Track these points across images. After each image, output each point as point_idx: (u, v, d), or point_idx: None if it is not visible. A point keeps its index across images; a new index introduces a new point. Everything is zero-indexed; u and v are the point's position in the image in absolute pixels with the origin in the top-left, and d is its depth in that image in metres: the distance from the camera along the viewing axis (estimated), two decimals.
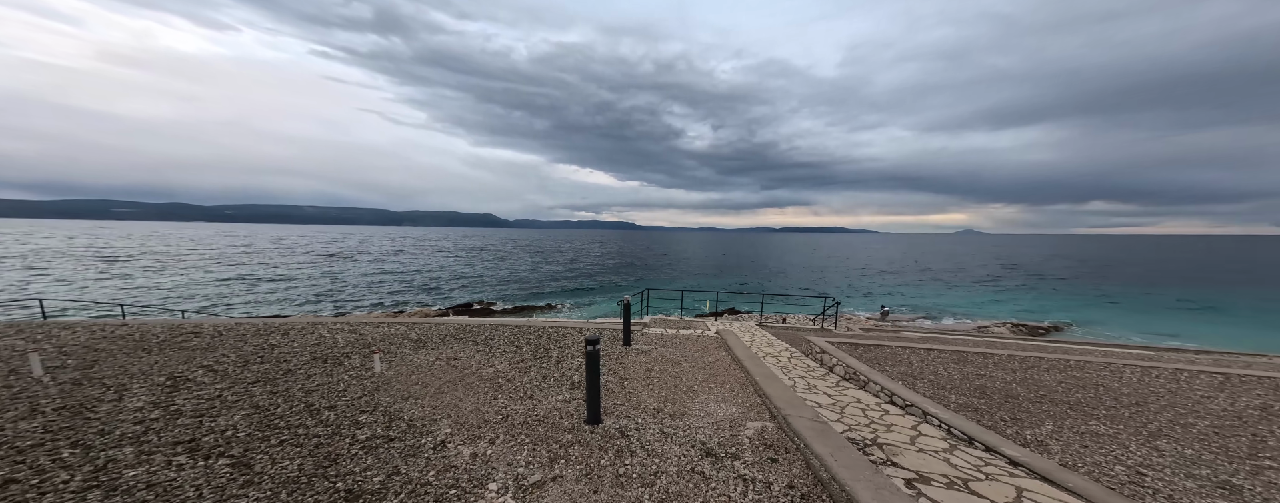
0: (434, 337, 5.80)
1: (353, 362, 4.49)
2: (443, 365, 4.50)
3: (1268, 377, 4.80)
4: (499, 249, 76.17)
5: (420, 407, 3.34)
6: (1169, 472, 2.56)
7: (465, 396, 3.63)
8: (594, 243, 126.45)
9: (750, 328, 9.11)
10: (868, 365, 5.21)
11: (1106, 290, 30.55)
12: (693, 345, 6.10)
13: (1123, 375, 4.82)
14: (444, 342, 5.54)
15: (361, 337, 5.64)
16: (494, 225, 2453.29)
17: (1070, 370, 4.97)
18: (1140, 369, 5.05)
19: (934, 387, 4.42)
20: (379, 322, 6.89)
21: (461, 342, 5.56)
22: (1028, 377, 4.74)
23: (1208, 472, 2.55)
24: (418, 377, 4.10)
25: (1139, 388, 4.29)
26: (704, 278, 39.30)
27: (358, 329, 6.12)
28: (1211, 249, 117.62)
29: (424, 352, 5.02)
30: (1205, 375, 4.83)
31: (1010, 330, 18.00)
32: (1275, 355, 9.47)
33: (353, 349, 4.98)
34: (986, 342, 7.80)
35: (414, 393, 3.65)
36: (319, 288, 27.06)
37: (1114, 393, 4.16)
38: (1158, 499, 2.27)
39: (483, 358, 4.84)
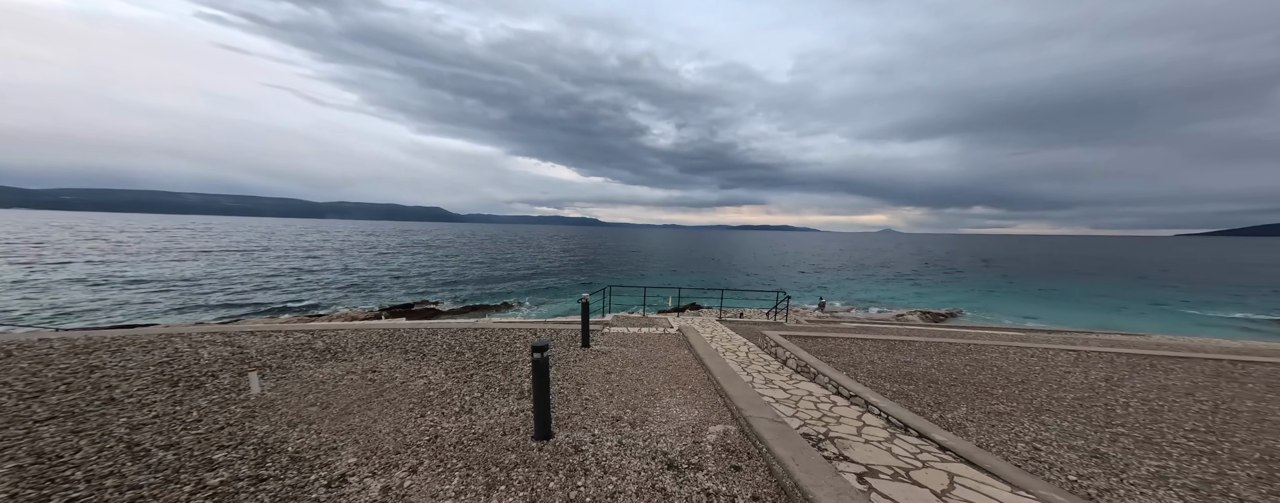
0: (348, 346, 4.96)
1: (219, 383, 3.63)
2: (355, 380, 3.83)
3: (1104, 352, 6.04)
4: (448, 245, 70.17)
5: (315, 434, 2.76)
6: (1055, 445, 3.00)
7: (382, 415, 3.09)
8: (556, 239, 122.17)
9: (711, 324, 9.33)
10: (816, 357, 5.54)
11: (986, 281, 37.00)
12: (654, 344, 6.01)
13: (1008, 356, 5.71)
14: (362, 351, 4.75)
15: (240, 350, 4.64)
16: (443, 219, 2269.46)
17: (971, 354, 5.76)
18: (1019, 350, 6.05)
19: (872, 376, 4.81)
20: (274, 330, 5.73)
21: (386, 350, 4.83)
22: (942, 362, 5.39)
23: (1082, 442, 3.03)
24: (317, 396, 3.42)
25: (1021, 367, 5.10)
26: (667, 274, 40.03)
27: (237, 340, 5.03)
28: (1051, 246, 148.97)
29: (332, 364, 4.25)
30: (1063, 353, 5.92)
31: (919, 318, 20.88)
32: (1104, 332, 12.37)
33: (222, 367, 4.06)
34: (907, 329, 8.86)
35: (308, 417, 3.03)
36: (198, 289, 21.73)
37: (1005, 373, 4.88)
38: (1052, 473, 2.63)
39: (411, 368, 4.22)
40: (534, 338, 5.75)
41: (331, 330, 5.70)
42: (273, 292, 22.76)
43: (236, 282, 24.91)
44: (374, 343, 5.08)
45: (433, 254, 51.28)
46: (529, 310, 21.74)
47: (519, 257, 53.08)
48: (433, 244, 71.31)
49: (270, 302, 20.57)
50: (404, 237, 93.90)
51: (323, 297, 22.42)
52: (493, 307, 22.25)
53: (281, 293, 22.66)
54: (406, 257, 44.85)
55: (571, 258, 54.52)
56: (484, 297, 24.88)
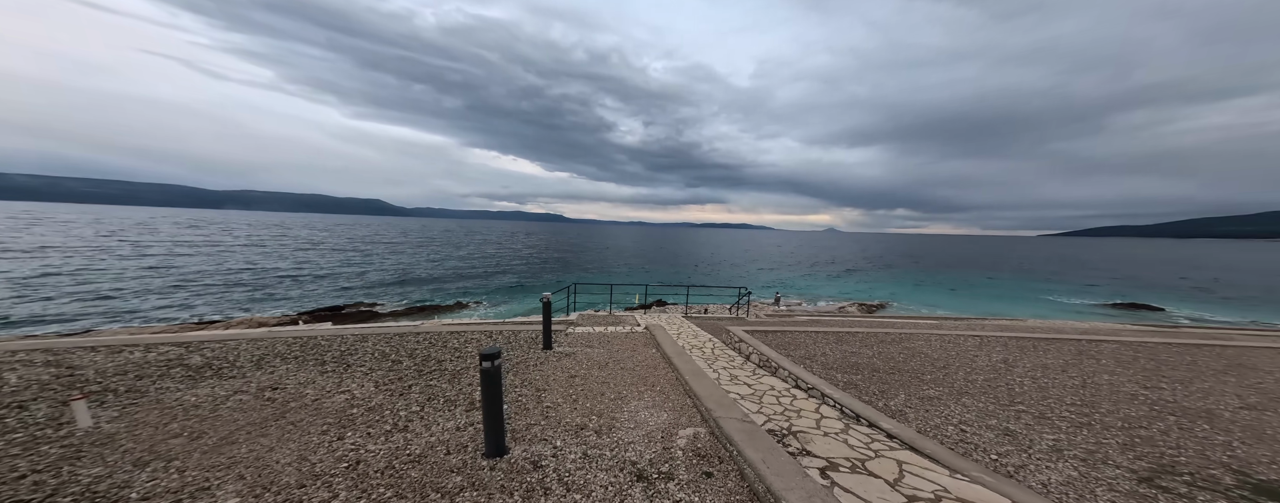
0: (241, 359, 4.11)
1: (29, 416, 2.80)
2: (246, 401, 3.16)
3: (999, 336, 7.14)
4: (391, 240, 63.28)
5: (176, 473, 2.19)
6: (976, 426, 3.40)
7: (283, 442, 2.56)
8: (517, 235, 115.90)
9: (677, 320, 9.41)
10: (776, 352, 5.79)
11: (906, 275, 42.48)
12: (621, 344, 5.86)
13: (931, 343, 6.48)
14: (260, 365, 3.95)
15: (70, 371, 3.62)
16: (384, 213, 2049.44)
17: (903, 343, 6.45)
18: (939, 338, 6.91)
19: (825, 367, 5.13)
20: (128, 343, 4.51)
21: (295, 362, 4.07)
22: (881, 351, 5.95)
23: (995, 421, 3.48)
24: (186, 424, 2.75)
25: (942, 353, 5.81)
26: (634, 271, 40.05)
27: (67, 359, 3.91)
28: (951, 244, 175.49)
29: (213, 384, 3.48)
30: (970, 338, 6.88)
31: (857, 309, 23.29)
32: (995, 318, 14.90)
33: (38, 394, 3.15)
34: (851, 322, 9.74)
35: (168, 452, 2.41)
36: (28, 292, 17.06)
37: (930, 359, 5.51)
38: (978, 453, 2.95)
39: (329, 382, 3.61)
40: (488, 342, 5.27)
41: (216, 342, 4.65)
42: (137, 298, 18.25)
43: (84, 284, 19.71)
44: (279, 354, 4.25)
45: (370, 251, 45.91)
46: (486, 311, 20.35)
47: (475, 253, 49.63)
48: (372, 240, 63.79)
49: (141, 306, 16.79)
50: (333, 231, 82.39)
51: (216, 302, 18.71)
52: (444, 307, 20.45)
53: (153, 299, 18.49)
54: (337, 254, 39.51)
55: (535, 255, 52.26)
56: (433, 297, 22.81)
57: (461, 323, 7.36)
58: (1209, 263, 66.04)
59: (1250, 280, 40.48)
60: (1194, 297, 30.46)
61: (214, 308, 17.62)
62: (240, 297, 19.90)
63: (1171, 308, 25.54)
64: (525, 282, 29.44)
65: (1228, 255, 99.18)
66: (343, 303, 19.88)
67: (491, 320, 8.12)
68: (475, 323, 7.39)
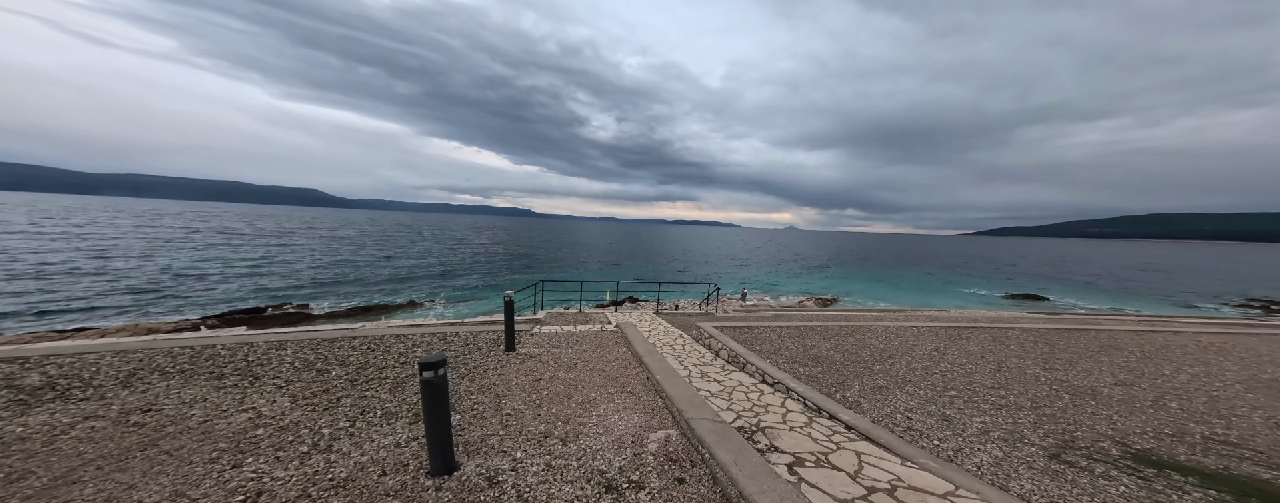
0: (100, 376, 3.32)
1: None
2: (103, 429, 2.53)
3: (932, 326, 8.01)
4: (329, 234, 56.58)
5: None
6: (919, 413, 3.72)
7: (151, 476, 2.09)
8: (481, 230, 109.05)
9: (649, 317, 9.38)
10: (744, 347, 5.96)
11: (853, 270, 46.66)
12: (591, 343, 5.67)
13: (878, 335, 7.08)
14: (127, 382, 3.22)
15: None
16: (321, 203, 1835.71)
17: (855, 335, 6.97)
18: (884, 329, 7.58)
19: (789, 361, 5.36)
20: None
21: (180, 377, 3.38)
22: (837, 343, 6.36)
23: (934, 407, 3.84)
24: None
25: (887, 344, 6.36)
26: (605, 268, 39.54)
27: None
28: (891, 242, 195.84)
29: (54, 409, 2.76)
30: (909, 329, 7.63)
31: (814, 303, 25.03)
32: (928, 309, 16.89)
33: None
34: (809, 315, 10.38)
35: None
36: None
37: (877, 350, 6.00)
38: (923, 440, 3.21)
39: (226, 400, 3.03)
40: (440, 345, 4.80)
41: (67, 355, 3.71)
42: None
43: None
44: (157, 368, 3.49)
45: (302, 245, 40.71)
46: (443, 310, 18.89)
47: (433, 249, 45.99)
48: (304, 232, 56.53)
49: None
50: (250, 222, 71.37)
51: (87, 305, 15.17)
52: (393, 307, 18.66)
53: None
54: (258, 248, 34.39)
55: (499, 251, 49.62)
56: (380, 295, 20.72)
57: (411, 324, 6.68)
58: (1078, 258, 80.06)
59: (1110, 273, 49.66)
60: (1071, 287, 36.66)
61: (82, 312, 14.30)
62: (123, 299, 16.53)
63: (1054, 297, 30.59)
64: (488, 279, 27.83)
65: (1091, 252, 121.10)
66: (263, 304, 17.36)
67: (448, 321, 7.49)
68: (427, 324, 6.75)
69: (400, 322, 10.44)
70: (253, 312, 15.90)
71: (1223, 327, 9.62)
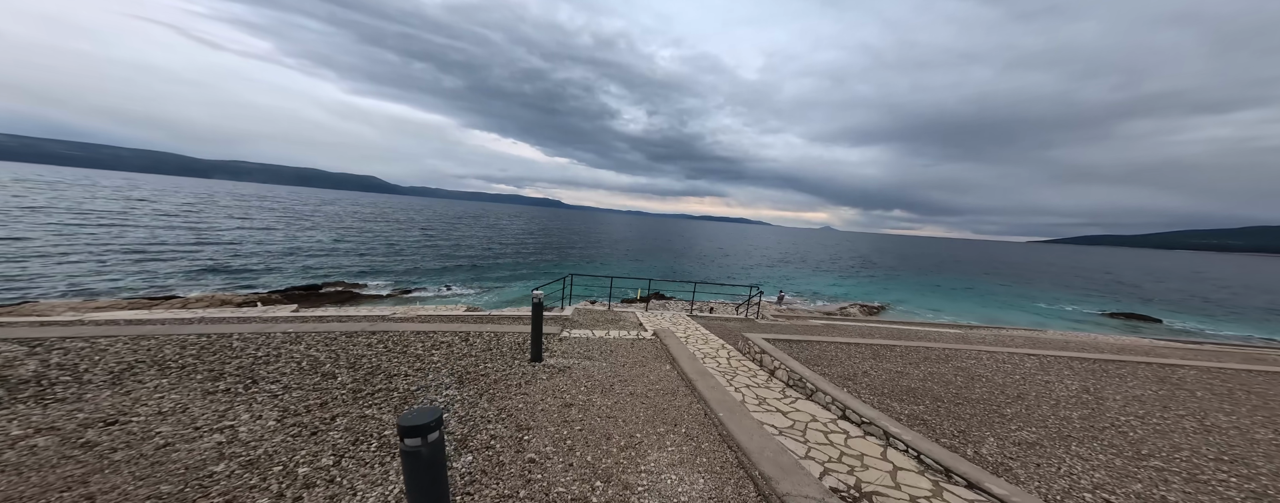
0: (98, 368, 2.91)
1: None
2: (43, 450, 2.03)
3: (1053, 355, 6.30)
4: (382, 218, 61.23)
5: None
6: (1122, 496, 2.49)
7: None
8: (514, 218, 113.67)
9: (683, 320, 8.47)
10: (808, 368, 4.87)
11: (902, 276, 42.13)
12: (627, 354, 4.87)
13: (984, 362, 5.60)
14: (119, 378, 2.77)
15: None
16: (378, 190, 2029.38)
17: (952, 361, 5.56)
18: (990, 356, 6.04)
19: (873, 391, 4.21)
20: None
21: (176, 374, 2.93)
22: (933, 372, 5.05)
23: (1141, 487, 2.58)
24: None
25: (1004, 376, 4.92)
26: (632, 262, 39.00)
27: None
28: (945, 247, 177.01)
29: (19, 413, 2.30)
30: (1027, 359, 6.01)
31: (859, 310, 22.61)
32: (1007, 327, 14.01)
33: None
34: (870, 328, 8.86)
35: None
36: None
37: (996, 385, 4.62)
38: None
39: (207, 410, 2.48)
40: (463, 347, 4.22)
41: (86, 338, 3.42)
42: (76, 266, 16.43)
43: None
44: (158, 362, 3.12)
45: (360, 227, 44.28)
46: (476, 297, 19.22)
47: (470, 236, 48.12)
48: (363, 216, 61.69)
49: (91, 278, 15.35)
50: (318, 206, 79.24)
51: (184, 274, 17.32)
52: (425, 293, 19.41)
53: (115, 267, 17.03)
54: (317, 232, 37.63)
55: (531, 240, 50.89)
56: (421, 279, 21.70)
57: (435, 317, 6.29)
58: (1189, 274, 67.02)
59: (1238, 293, 40.77)
60: (1188, 307, 30.36)
61: (184, 280, 16.38)
62: (214, 270, 18.65)
63: (1168, 319, 25.34)
64: (518, 269, 28.23)
65: (1209, 267, 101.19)
66: (321, 281, 18.69)
67: (472, 315, 7.06)
68: (450, 317, 6.32)
69: (431, 309, 10.33)
70: (310, 289, 17.10)
71: None
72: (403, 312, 7.14)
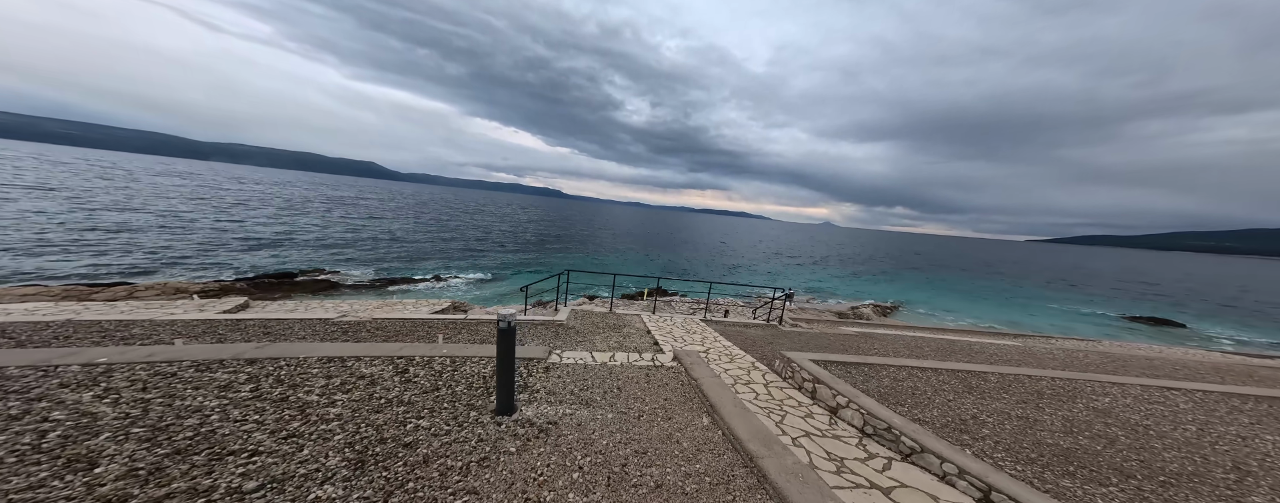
0: None
1: None
2: None
3: (1209, 391, 4.85)
4: (376, 204, 59.33)
5: None
6: None
7: None
8: (513, 207, 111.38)
9: (698, 329, 7.02)
10: (892, 410, 3.42)
11: (910, 274, 40.74)
12: (640, 393, 3.41)
13: (1113, 396, 4.17)
14: None
15: None
16: (378, 176, 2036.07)
17: (1080, 398, 4.11)
18: (1115, 387, 4.59)
19: (1009, 453, 2.80)
20: None
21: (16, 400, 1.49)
22: (1071, 417, 3.63)
23: None
24: None
25: (1180, 429, 3.46)
26: (635, 254, 37.46)
27: None
28: (947, 245, 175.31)
29: None
30: (1172, 394, 4.54)
31: (872, 310, 21.19)
32: (1046, 335, 12.08)
33: None
34: (922, 341, 7.42)
35: None
36: None
37: (1187, 446, 3.19)
38: None
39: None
40: (392, 384, 2.75)
41: None
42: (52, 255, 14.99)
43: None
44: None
45: (356, 213, 42.68)
46: (466, 290, 17.74)
47: (469, 224, 46.53)
48: (361, 202, 59.82)
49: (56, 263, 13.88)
50: (312, 188, 76.70)
51: (152, 260, 15.77)
52: (415, 281, 17.95)
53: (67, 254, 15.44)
54: (309, 217, 35.89)
55: (531, 229, 49.29)
56: (406, 268, 20.29)
57: (388, 324, 4.82)
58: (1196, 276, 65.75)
59: (1260, 298, 39.55)
60: (1214, 313, 29.02)
61: (160, 264, 14.97)
62: (188, 256, 17.18)
63: (1193, 324, 24.06)
64: (517, 259, 26.68)
65: (1214, 270, 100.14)
66: (298, 270, 17.20)
67: (443, 320, 5.58)
68: (402, 327, 4.83)
69: (404, 309, 8.83)
70: (283, 277, 15.61)
71: None
72: (357, 311, 5.68)
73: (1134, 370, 5.69)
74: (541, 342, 5.07)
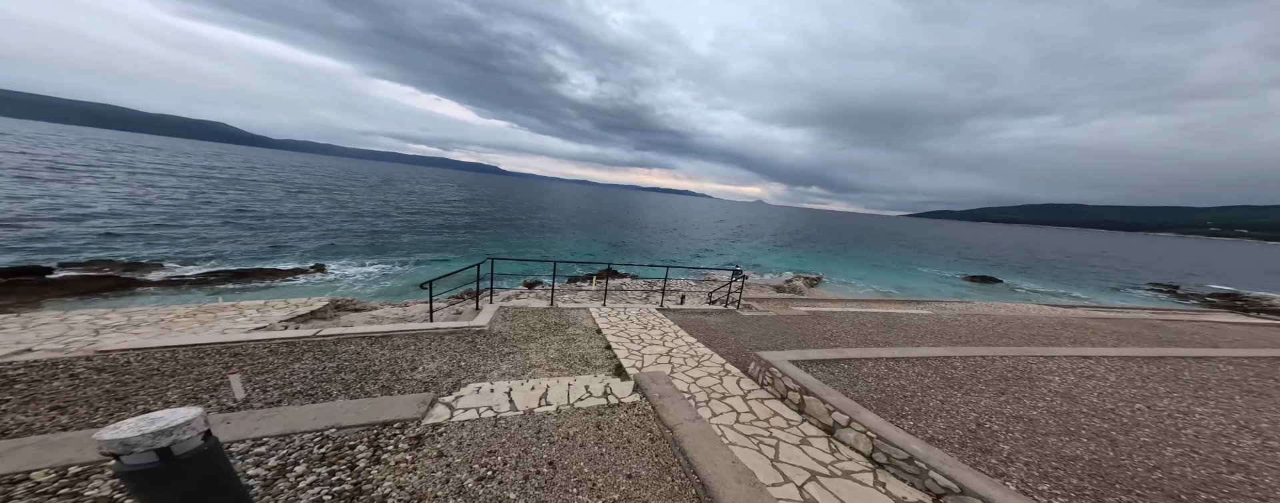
0: None
1: None
2: None
3: (1110, 357, 5.38)
4: (243, 173, 44.66)
5: None
6: None
7: None
8: (440, 184, 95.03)
9: (655, 321, 5.98)
10: (894, 426, 2.80)
11: (825, 248, 46.72)
12: (586, 474, 2.12)
13: (1080, 385, 4.31)
14: None
15: None
16: (232, 140, 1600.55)
17: (1037, 382, 4.11)
18: (1052, 363, 4.88)
19: (1021, 464, 2.30)
20: None
21: None
22: (1029, 401, 3.48)
23: None
24: None
25: (1151, 416, 3.54)
26: (582, 232, 34.88)
27: None
28: (847, 221, 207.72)
29: None
30: (1091, 366, 5.00)
31: (803, 282, 23.28)
32: (953, 301, 14.24)
33: None
34: (864, 317, 7.60)
35: None
36: None
37: (1170, 438, 3.17)
38: None
39: None
40: None
41: None
42: None
43: None
44: None
45: (191, 183, 31.24)
46: (362, 285, 13.95)
47: (372, 200, 37.97)
48: (201, 170, 44.09)
49: None
50: (110, 153, 53.41)
51: None
52: (280, 273, 13.42)
53: None
54: (94, 185, 24.90)
55: (460, 209, 42.44)
56: (276, 254, 15.27)
57: (155, 354, 2.66)
58: (1005, 242, 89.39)
59: (1040, 257, 54.61)
60: (1018, 271, 38.95)
61: None
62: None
63: (1007, 279, 32.07)
64: (437, 241, 22.28)
65: (1005, 236, 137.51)
66: (78, 260, 11.59)
67: (288, 335, 3.49)
68: (189, 350, 2.74)
69: (246, 315, 5.85)
70: (30, 273, 10.01)
71: None
72: (104, 331, 2.97)
73: (1038, 337, 6.39)
74: (437, 369, 3.38)
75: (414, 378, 3.21)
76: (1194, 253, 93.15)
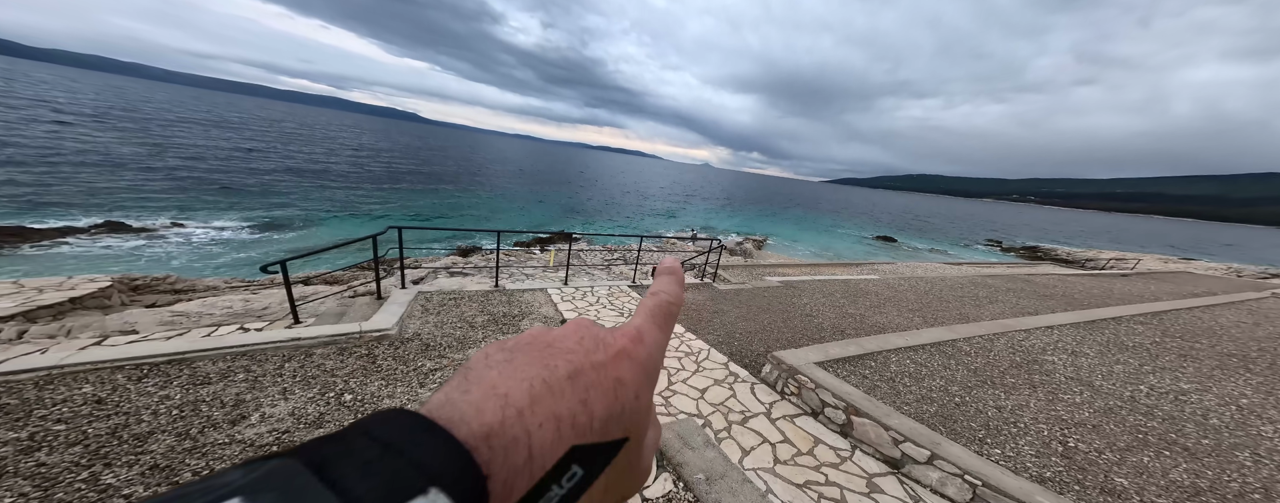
0: None
1: None
2: None
3: (1036, 328, 5.69)
4: None
5: None
6: None
7: None
8: (335, 128, 72.32)
9: (626, 299, 4.62)
10: (969, 451, 2.10)
11: (764, 210, 49.72)
12: None
13: (1040, 351, 4.23)
14: None
15: None
16: None
17: (1021, 371, 3.93)
18: (1021, 334, 4.87)
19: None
20: None
21: None
22: (1044, 393, 3.18)
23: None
24: None
25: (1093, 376, 3.45)
26: (526, 193, 30.35)
27: None
28: (782, 185, 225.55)
29: None
30: (1051, 333, 5.08)
31: (752, 245, 24.07)
32: (886, 262, 15.48)
33: None
34: (842, 283, 7.37)
35: None
36: None
37: (1116, 399, 3.01)
38: None
39: None
40: None
41: None
42: None
43: None
44: None
45: None
46: (218, 250, 9.71)
47: (216, 143, 27.38)
48: None
49: None
50: None
51: None
52: (42, 233, 8.63)
53: None
54: None
55: (363, 162, 33.33)
56: (31, 214, 9.76)
57: None
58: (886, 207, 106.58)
59: (922, 219, 65.91)
60: (910, 233, 46.45)
61: None
62: None
63: (902, 240, 38.03)
64: (326, 199, 16.97)
65: (890, 202, 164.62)
66: None
67: None
68: None
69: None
70: None
71: None
72: None
73: (976, 301, 6.71)
74: (292, 417, 1.58)
75: (235, 442, 1.42)
76: (1004, 215, 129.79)
